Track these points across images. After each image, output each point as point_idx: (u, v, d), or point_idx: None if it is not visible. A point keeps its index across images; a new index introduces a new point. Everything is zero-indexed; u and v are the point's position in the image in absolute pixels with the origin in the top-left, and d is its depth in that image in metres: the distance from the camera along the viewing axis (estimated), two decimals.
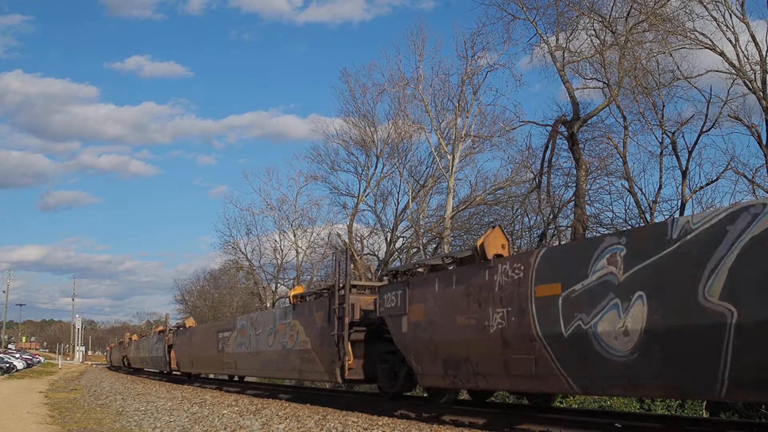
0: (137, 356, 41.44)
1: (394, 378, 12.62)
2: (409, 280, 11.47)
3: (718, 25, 21.64)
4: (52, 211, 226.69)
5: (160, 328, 34.79)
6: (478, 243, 9.71)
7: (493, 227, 10.05)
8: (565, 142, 25.25)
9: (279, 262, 47.10)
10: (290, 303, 16.78)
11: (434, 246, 32.75)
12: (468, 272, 9.81)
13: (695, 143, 23.35)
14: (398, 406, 12.10)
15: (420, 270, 11.63)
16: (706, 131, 23.02)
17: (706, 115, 22.80)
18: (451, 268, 10.71)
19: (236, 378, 25.54)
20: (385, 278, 14.70)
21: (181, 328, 29.60)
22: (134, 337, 49.23)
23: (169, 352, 30.20)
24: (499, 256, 9.53)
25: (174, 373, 30.51)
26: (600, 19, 23.30)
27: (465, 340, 9.69)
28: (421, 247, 32.43)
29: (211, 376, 29.63)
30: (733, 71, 21.39)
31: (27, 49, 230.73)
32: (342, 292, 13.54)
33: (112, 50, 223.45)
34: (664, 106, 24.07)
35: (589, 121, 25.05)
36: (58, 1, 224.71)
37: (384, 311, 12.04)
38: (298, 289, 17.47)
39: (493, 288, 9.16)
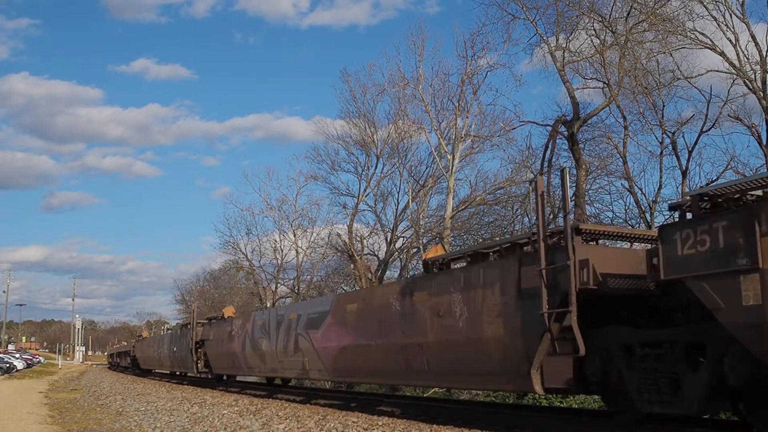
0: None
1: (673, 389, 7.35)
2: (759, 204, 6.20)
3: (718, 25, 21.64)
4: (55, 211, 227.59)
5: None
6: None
7: None
8: (565, 142, 25.25)
9: (279, 262, 47.15)
10: (425, 269, 11.36)
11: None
12: None
13: (695, 143, 23.36)
14: None
15: None
16: (706, 131, 23.03)
17: (706, 115, 22.81)
18: None
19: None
20: (671, 213, 8.56)
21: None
22: (144, 334, 47.03)
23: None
24: None
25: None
26: (600, 19, 23.29)
27: None
28: (421, 247, 32.42)
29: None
30: (733, 71, 21.39)
31: (34, 52, 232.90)
32: (554, 240, 8.57)
33: (117, 53, 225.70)
34: (664, 106, 24.09)
35: (589, 121, 25.06)
36: (65, 5, 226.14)
37: (679, 269, 6.67)
38: (436, 250, 11.60)
39: None
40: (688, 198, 7.03)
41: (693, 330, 7.19)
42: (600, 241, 9.22)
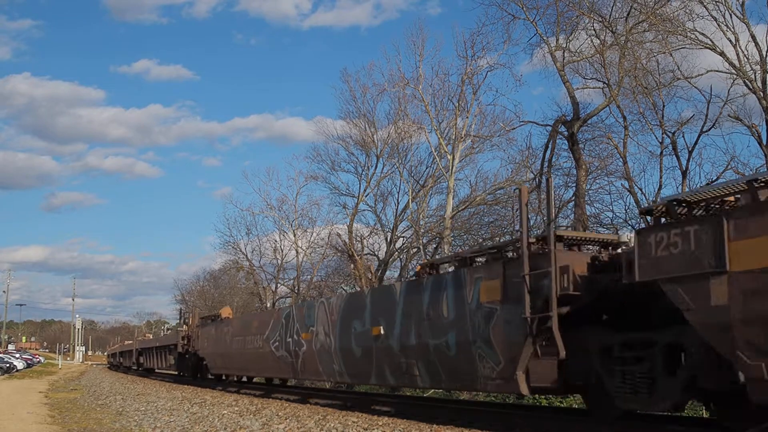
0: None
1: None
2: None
3: (718, 25, 21.64)
4: (56, 212, 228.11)
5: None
6: None
7: None
8: (565, 142, 25.26)
9: (279, 262, 47.12)
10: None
11: (434, 246, 32.74)
12: None
13: (695, 143, 23.35)
14: None
15: None
16: (706, 131, 23.02)
17: (706, 115, 22.80)
18: None
19: None
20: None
21: None
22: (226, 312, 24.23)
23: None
24: None
25: None
26: (600, 19, 23.30)
27: None
28: (421, 247, 32.41)
29: None
30: (733, 71, 21.39)
31: (36, 53, 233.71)
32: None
33: (119, 54, 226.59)
34: (664, 106, 24.07)
35: (589, 121, 25.07)
36: (66, 6, 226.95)
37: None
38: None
39: None
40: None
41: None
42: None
